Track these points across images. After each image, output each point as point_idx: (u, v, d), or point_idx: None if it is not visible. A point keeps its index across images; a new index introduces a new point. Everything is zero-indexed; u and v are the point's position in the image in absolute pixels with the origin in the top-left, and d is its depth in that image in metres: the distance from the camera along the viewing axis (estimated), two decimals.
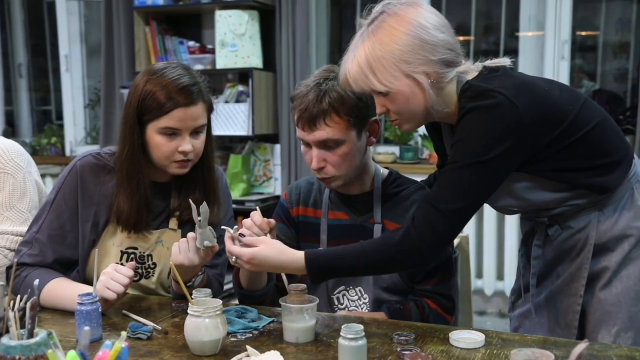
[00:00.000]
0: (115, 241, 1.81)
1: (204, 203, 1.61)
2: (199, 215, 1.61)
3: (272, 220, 1.66)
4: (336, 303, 1.84)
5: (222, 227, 1.61)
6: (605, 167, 1.56)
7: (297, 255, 1.52)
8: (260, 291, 1.80)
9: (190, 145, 1.72)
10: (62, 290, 1.69)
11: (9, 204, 1.98)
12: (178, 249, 1.64)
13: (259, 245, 1.52)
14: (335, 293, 1.83)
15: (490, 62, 1.57)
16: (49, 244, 1.77)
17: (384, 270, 1.65)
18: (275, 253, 1.52)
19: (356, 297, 1.82)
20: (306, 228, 1.89)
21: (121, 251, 1.81)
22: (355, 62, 1.50)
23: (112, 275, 1.60)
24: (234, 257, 1.54)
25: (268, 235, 1.62)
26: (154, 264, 1.84)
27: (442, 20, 1.52)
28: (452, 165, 1.48)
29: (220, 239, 1.85)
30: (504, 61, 1.57)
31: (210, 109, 1.79)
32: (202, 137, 1.77)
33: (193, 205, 1.61)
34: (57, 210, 1.79)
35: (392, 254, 1.49)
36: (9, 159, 2.00)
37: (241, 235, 1.55)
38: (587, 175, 1.54)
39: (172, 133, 1.71)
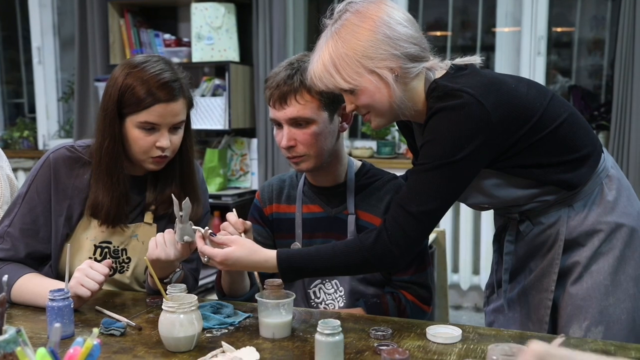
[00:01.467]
0: (89, 235, 1.78)
1: (187, 199, 1.59)
2: (180, 210, 1.59)
3: (249, 222, 1.66)
4: (312, 297, 1.84)
5: (193, 227, 1.59)
6: (574, 162, 1.56)
7: (270, 255, 1.51)
8: (242, 297, 1.79)
9: (168, 141, 1.70)
10: (34, 285, 1.65)
11: None
12: (155, 243, 1.62)
13: (231, 245, 1.51)
14: (311, 287, 1.83)
15: (460, 60, 1.57)
16: (21, 238, 1.73)
17: (356, 272, 1.66)
18: (247, 253, 1.51)
19: (332, 290, 1.82)
20: (280, 225, 1.88)
21: (95, 245, 1.78)
22: (320, 62, 1.51)
23: (87, 272, 1.58)
24: (205, 257, 1.53)
25: (243, 235, 1.61)
26: (129, 258, 1.81)
27: (406, 15, 1.53)
28: (421, 166, 1.48)
29: None
30: (474, 59, 1.57)
31: (190, 105, 1.77)
32: (180, 133, 1.76)
33: (175, 200, 1.59)
34: (29, 203, 1.75)
35: (364, 257, 1.48)
36: None
37: (212, 234, 1.54)
38: (555, 171, 1.55)
39: (150, 128, 1.69)
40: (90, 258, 1.76)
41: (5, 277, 1.26)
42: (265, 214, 1.91)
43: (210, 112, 4.04)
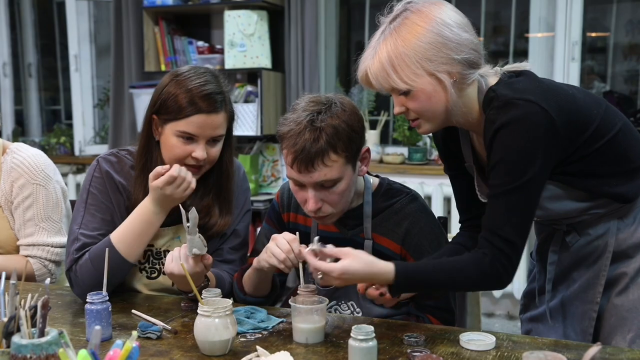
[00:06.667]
0: None
1: (193, 209, 1.57)
2: (187, 221, 1.56)
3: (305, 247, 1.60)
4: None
5: (306, 250, 1.51)
6: (629, 174, 1.53)
7: (387, 269, 1.45)
8: (263, 298, 1.79)
9: (204, 152, 1.71)
10: (127, 227, 1.73)
11: (44, 215, 2.03)
12: (171, 257, 1.62)
13: (345, 257, 1.44)
14: (327, 308, 1.79)
15: (511, 67, 1.53)
16: (95, 235, 1.77)
17: (463, 288, 1.68)
18: (364, 266, 1.44)
19: (348, 312, 1.79)
20: None
21: None
22: (377, 59, 1.45)
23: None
24: (320, 273, 1.45)
25: (300, 263, 1.58)
26: None
27: (465, 19, 1.49)
28: (501, 188, 1.43)
29: (237, 231, 1.86)
30: (524, 65, 1.53)
31: (231, 119, 1.79)
32: (219, 146, 1.77)
33: (183, 211, 1.58)
34: (93, 205, 1.80)
35: (478, 277, 1.45)
36: (40, 171, 2.04)
37: (322, 245, 1.48)
38: (610, 183, 1.51)
39: (188, 138, 1.71)
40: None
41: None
42: (283, 219, 1.88)
43: (242, 119, 4.08)
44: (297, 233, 1.64)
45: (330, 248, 1.48)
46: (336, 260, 1.45)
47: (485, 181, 1.60)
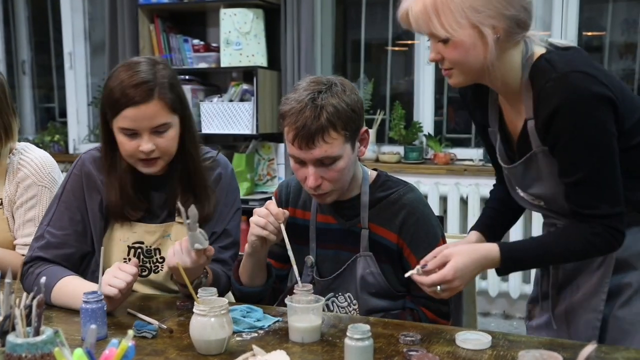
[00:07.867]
0: (121, 236, 1.82)
1: (192, 206, 1.55)
2: (187, 218, 1.55)
3: (287, 211, 1.65)
4: (325, 310, 1.81)
5: (413, 277, 1.49)
6: None
7: (491, 248, 1.47)
8: (260, 287, 1.79)
9: (150, 144, 1.67)
10: (72, 288, 1.68)
11: None
12: (173, 251, 1.62)
13: (447, 260, 1.43)
14: (324, 300, 1.79)
15: (557, 41, 1.50)
16: (61, 236, 1.78)
17: (572, 261, 1.62)
18: (468, 255, 1.44)
19: (345, 304, 1.79)
20: (294, 230, 1.83)
21: (128, 246, 1.82)
22: (421, 1, 1.40)
23: (115, 273, 1.60)
24: (438, 286, 1.44)
25: (282, 225, 1.62)
26: (162, 258, 1.83)
27: None
28: (583, 172, 1.42)
29: (228, 231, 1.86)
30: (570, 42, 1.52)
31: (174, 106, 1.70)
32: (169, 134, 1.71)
33: (182, 208, 1.56)
34: (65, 202, 1.81)
35: (589, 249, 1.47)
36: (46, 173, 2.06)
37: (424, 266, 1.47)
38: (636, 187, 1.50)
39: (131, 133, 1.68)
40: (124, 259, 1.80)
41: (43, 279, 1.28)
42: None
43: (238, 117, 4.07)
44: (273, 198, 1.74)
45: (429, 264, 1.46)
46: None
47: (509, 149, 1.59)
